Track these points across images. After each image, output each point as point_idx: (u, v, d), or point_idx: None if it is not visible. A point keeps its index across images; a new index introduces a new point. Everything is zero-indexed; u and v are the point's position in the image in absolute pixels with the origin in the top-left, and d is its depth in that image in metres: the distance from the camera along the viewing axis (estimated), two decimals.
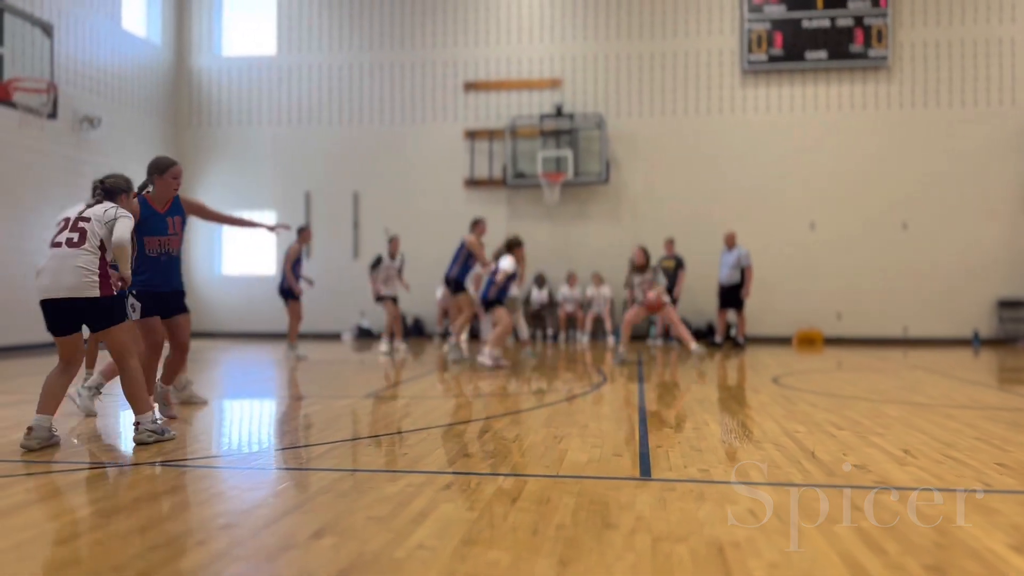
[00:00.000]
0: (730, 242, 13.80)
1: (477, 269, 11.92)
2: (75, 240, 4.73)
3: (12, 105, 10.34)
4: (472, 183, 16.55)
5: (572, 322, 15.86)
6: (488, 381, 8.57)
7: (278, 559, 2.79)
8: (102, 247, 4.77)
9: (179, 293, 5.90)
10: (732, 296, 13.68)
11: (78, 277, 4.66)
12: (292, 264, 11.70)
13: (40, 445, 4.67)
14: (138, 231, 5.35)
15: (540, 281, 15.87)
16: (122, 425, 6.18)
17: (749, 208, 15.76)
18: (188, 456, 4.62)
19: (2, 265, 12.04)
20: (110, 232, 4.78)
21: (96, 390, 6.21)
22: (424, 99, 16.85)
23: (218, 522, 3.26)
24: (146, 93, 16.33)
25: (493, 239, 16.14)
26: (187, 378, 6.70)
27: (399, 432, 5.34)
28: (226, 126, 17.30)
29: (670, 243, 14.44)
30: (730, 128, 16.09)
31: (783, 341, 15.41)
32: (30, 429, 4.68)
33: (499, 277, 10.11)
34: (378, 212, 16.72)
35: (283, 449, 4.95)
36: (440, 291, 15.78)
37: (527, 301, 16.01)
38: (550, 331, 15.87)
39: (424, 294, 16.15)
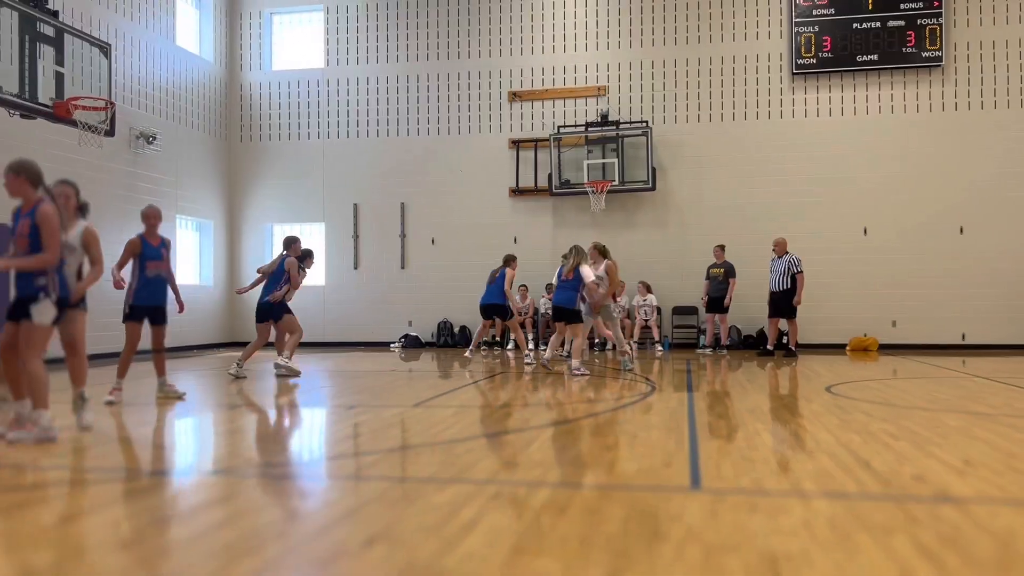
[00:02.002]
0: (780, 249, 13.59)
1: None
2: None
3: (72, 123, 10.66)
4: (518, 192, 16.59)
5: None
6: (536, 391, 8.56)
7: (331, 566, 2.82)
8: None
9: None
10: (783, 304, 13.46)
11: None
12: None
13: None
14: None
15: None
16: (181, 433, 6.32)
17: (800, 214, 15.51)
18: (240, 465, 4.70)
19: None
20: None
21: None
22: (470, 109, 16.96)
23: (271, 530, 3.31)
24: (199, 109, 16.72)
25: (540, 248, 16.17)
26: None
27: (447, 442, 5.36)
28: (276, 140, 17.62)
29: (719, 250, 14.27)
30: (779, 133, 15.88)
31: (836, 349, 15.11)
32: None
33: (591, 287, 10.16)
34: (425, 222, 16.85)
35: (333, 458, 5.01)
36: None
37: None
38: (597, 340, 15.80)
39: (471, 303, 16.19)
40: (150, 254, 7.53)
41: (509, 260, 12.44)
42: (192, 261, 16.77)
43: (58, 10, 10.68)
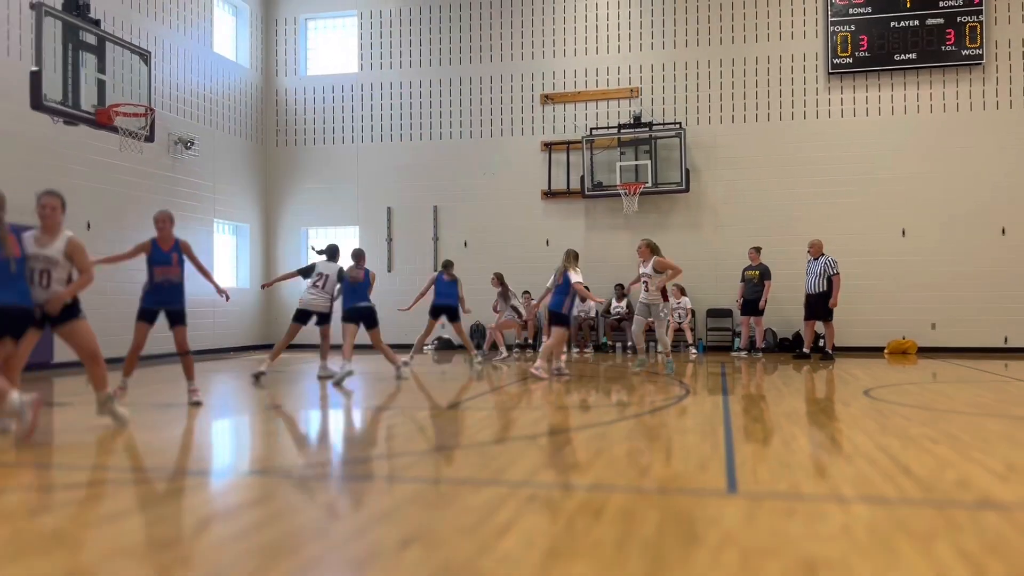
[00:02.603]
0: (815, 250, 13.43)
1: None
2: None
3: (114, 129, 10.87)
4: (550, 194, 16.59)
5: (652, 334, 15.65)
6: (569, 394, 8.56)
7: (368, 567, 2.85)
8: None
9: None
10: (819, 306, 13.29)
11: None
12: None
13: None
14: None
15: (620, 292, 15.77)
16: (219, 434, 6.41)
17: (836, 215, 15.32)
18: (279, 466, 4.76)
19: (110, 280, 12.63)
20: None
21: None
22: (502, 112, 17.00)
23: (309, 530, 3.35)
24: (236, 114, 16.96)
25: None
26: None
27: (481, 443, 5.38)
28: (311, 144, 17.81)
29: (755, 252, 14.14)
30: (815, 133, 15.70)
31: (874, 352, 14.90)
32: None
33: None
34: (457, 225, 16.92)
35: (368, 459, 5.05)
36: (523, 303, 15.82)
37: (607, 311, 15.92)
38: (630, 343, 15.73)
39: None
40: (159, 259, 7.59)
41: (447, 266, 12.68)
42: (229, 264, 17.00)
43: (100, 19, 10.89)
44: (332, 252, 10.71)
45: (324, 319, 10.48)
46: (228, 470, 4.82)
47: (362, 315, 10.28)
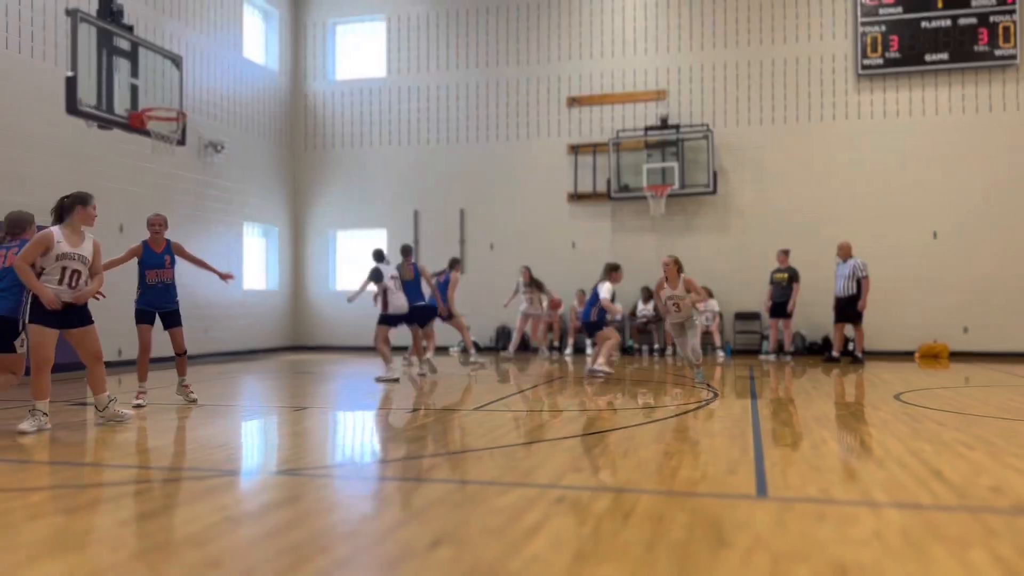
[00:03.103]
0: (844, 253, 13.28)
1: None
2: None
3: (146, 133, 11.02)
4: (576, 197, 16.57)
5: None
6: (596, 396, 8.54)
7: (398, 567, 2.87)
8: None
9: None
10: (848, 309, 13.15)
11: None
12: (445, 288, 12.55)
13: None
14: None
15: (647, 295, 15.71)
16: (250, 434, 6.48)
17: (866, 217, 15.15)
18: (309, 466, 4.80)
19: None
20: None
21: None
22: (528, 115, 17.01)
23: (340, 530, 3.38)
24: (265, 118, 17.13)
25: (598, 254, 16.12)
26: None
27: (509, 445, 5.39)
28: (339, 148, 17.94)
29: (783, 255, 14.02)
30: (844, 135, 15.55)
31: (905, 356, 14.71)
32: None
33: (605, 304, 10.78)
34: (483, 228, 16.95)
35: (397, 460, 5.08)
36: (544, 304, 15.79)
37: (632, 315, 15.86)
38: (657, 346, 15.68)
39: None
40: (150, 262, 7.77)
41: (454, 264, 13.15)
42: (258, 266, 17.17)
43: (133, 24, 11.06)
44: (378, 255, 11.22)
45: (414, 318, 10.95)
46: (258, 469, 4.86)
47: (420, 314, 10.99)
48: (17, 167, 11.28)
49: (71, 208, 6.25)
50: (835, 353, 13.34)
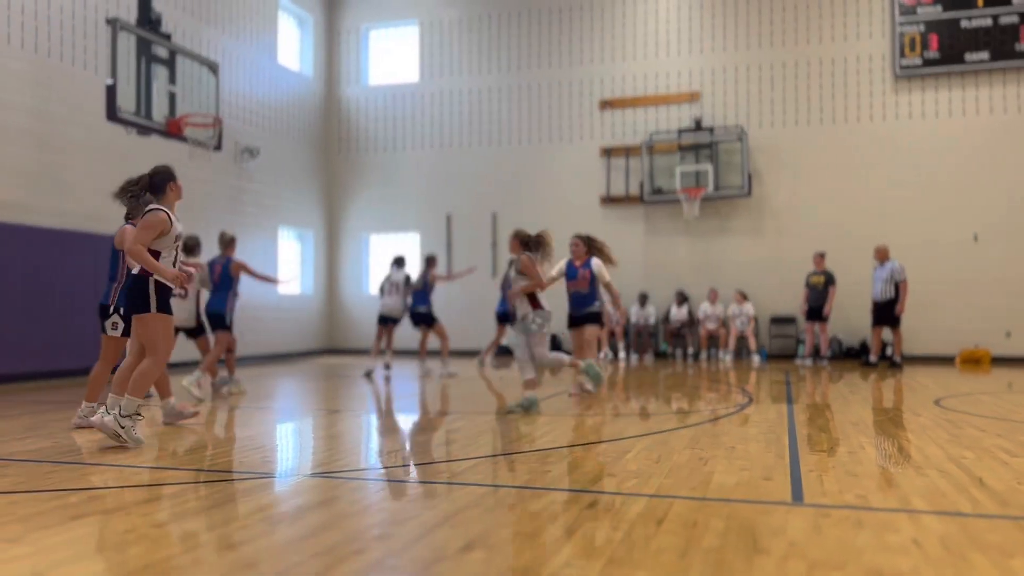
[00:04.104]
0: (882, 256, 13.08)
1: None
2: None
3: (184, 139, 11.20)
4: (609, 200, 16.52)
5: (714, 340, 15.48)
6: (629, 401, 8.50)
7: (431, 570, 2.88)
8: None
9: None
10: (886, 313, 12.95)
11: None
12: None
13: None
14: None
15: (680, 298, 15.61)
16: (283, 437, 6.55)
17: (904, 220, 14.91)
18: (343, 468, 4.83)
19: None
20: None
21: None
22: (560, 118, 17.00)
23: (373, 532, 3.40)
24: (299, 123, 17.32)
25: (631, 257, 16.06)
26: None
27: (541, 449, 5.38)
28: (372, 152, 18.07)
29: (820, 258, 13.84)
30: (882, 136, 15.32)
31: (945, 361, 14.44)
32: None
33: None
34: None
35: (429, 463, 5.10)
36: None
37: (666, 319, 15.77)
38: (691, 350, 15.56)
39: (561, 311, 16.20)
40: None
41: (429, 263, 12.35)
42: (293, 270, 17.36)
43: (171, 33, 11.25)
44: (398, 261, 12.29)
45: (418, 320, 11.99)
46: (293, 471, 4.91)
47: (420, 319, 11.84)
48: (60, 174, 11.52)
49: (162, 186, 5.71)
50: (873, 358, 13.14)
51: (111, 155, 12.26)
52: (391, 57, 18.34)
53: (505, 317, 12.75)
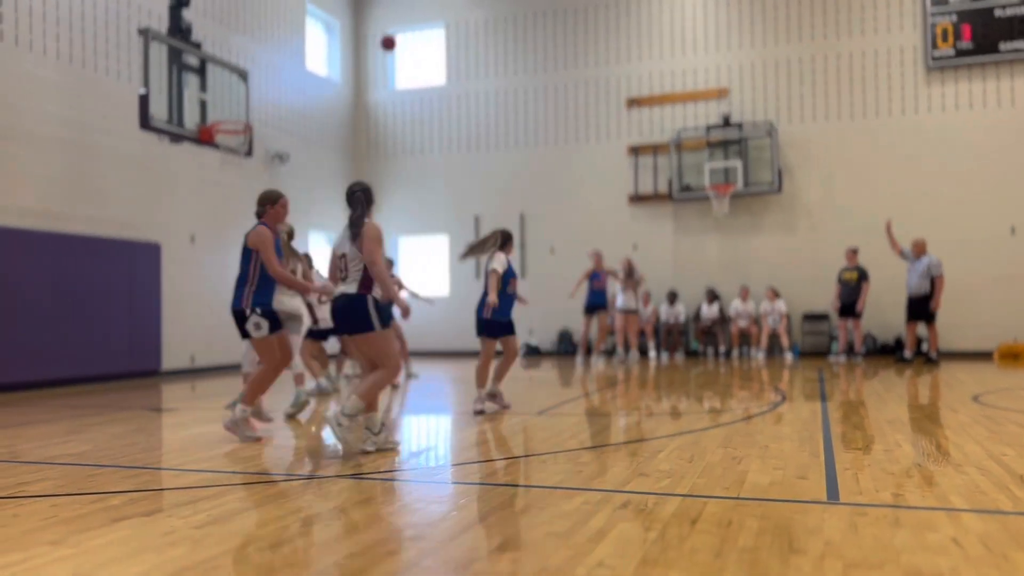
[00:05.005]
0: (918, 250, 12.89)
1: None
2: None
3: (215, 147, 11.35)
4: (637, 199, 16.45)
5: (745, 338, 15.36)
6: (660, 401, 8.46)
7: (465, 571, 2.89)
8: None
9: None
10: (922, 308, 12.75)
11: None
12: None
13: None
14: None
15: (711, 296, 15.51)
16: (316, 438, 6.60)
17: (938, 213, 14.68)
18: (377, 469, 4.87)
19: (213, 292, 13.20)
20: None
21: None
22: (587, 118, 16.97)
23: (407, 533, 3.43)
24: (328, 128, 17.46)
25: (660, 255, 15.98)
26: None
27: (573, 449, 5.38)
28: (400, 156, 18.17)
29: (853, 253, 13.67)
30: (914, 129, 15.10)
31: (983, 356, 14.20)
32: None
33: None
34: (544, 232, 16.96)
35: (462, 464, 5.12)
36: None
37: (697, 317, 15.68)
38: (722, 348, 15.45)
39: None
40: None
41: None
42: (324, 274, 17.48)
43: (201, 41, 11.40)
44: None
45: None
46: (328, 472, 4.95)
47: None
48: (95, 182, 11.73)
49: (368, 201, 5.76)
50: (908, 353, 12.96)
51: (144, 163, 12.46)
52: (418, 61, 18.43)
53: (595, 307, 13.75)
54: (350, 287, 5.44)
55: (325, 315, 9.23)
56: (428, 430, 7.09)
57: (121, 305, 11.94)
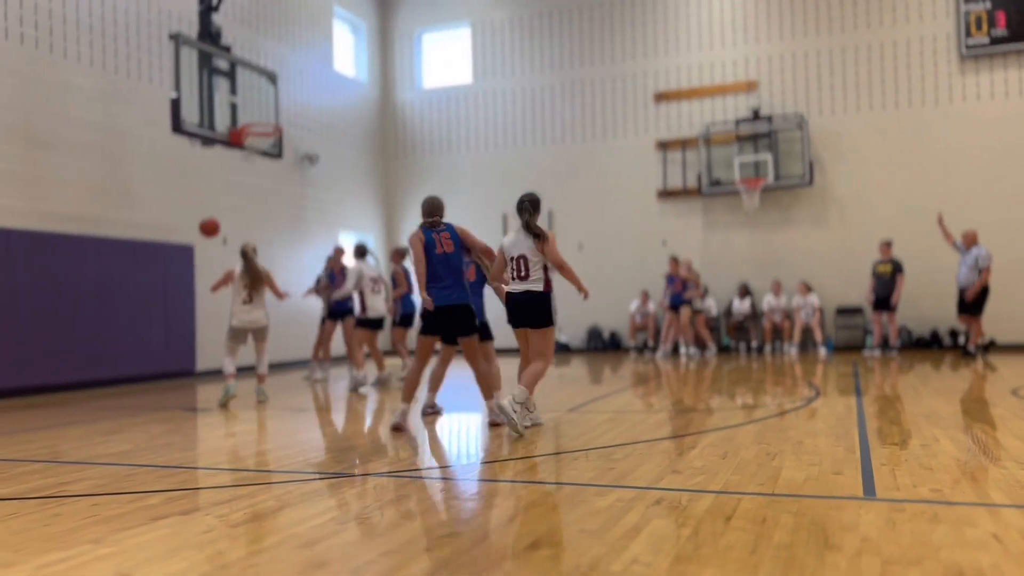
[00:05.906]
0: (969, 241, 12.54)
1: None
2: None
3: (246, 149, 11.46)
4: (665, 194, 16.36)
5: (778, 333, 15.22)
6: (693, 397, 8.41)
7: (499, 568, 2.90)
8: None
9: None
10: (971, 300, 12.43)
11: None
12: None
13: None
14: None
15: (743, 291, 15.38)
16: (347, 437, 6.66)
17: (973, 205, 14.41)
18: (409, 468, 4.90)
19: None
20: None
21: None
22: (615, 114, 16.90)
23: (441, 531, 3.45)
24: (356, 129, 17.57)
25: (690, 251, 15.88)
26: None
27: (605, 446, 5.37)
28: (428, 155, 18.23)
29: (887, 246, 13.46)
30: (948, 119, 14.84)
31: (1020, 349, 13.93)
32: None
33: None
34: (572, 228, 16.92)
35: (494, 461, 5.13)
36: (635, 304, 15.76)
37: (728, 312, 15.56)
38: (754, 343, 15.32)
39: (620, 309, 16.15)
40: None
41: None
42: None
43: (230, 45, 11.52)
44: (360, 251, 10.56)
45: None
46: (361, 471, 4.99)
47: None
48: (129, 186, 11.91)
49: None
50: (971, 346, 12.58)
51: (177, 166, 12.63)
52: (444, 60, 18.47)
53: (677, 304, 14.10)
54: (535, 285, 6.05)
55: (377, 305, 10.35)
56: (459, 427, 7.12)
57: (156, 307, 12.12)
